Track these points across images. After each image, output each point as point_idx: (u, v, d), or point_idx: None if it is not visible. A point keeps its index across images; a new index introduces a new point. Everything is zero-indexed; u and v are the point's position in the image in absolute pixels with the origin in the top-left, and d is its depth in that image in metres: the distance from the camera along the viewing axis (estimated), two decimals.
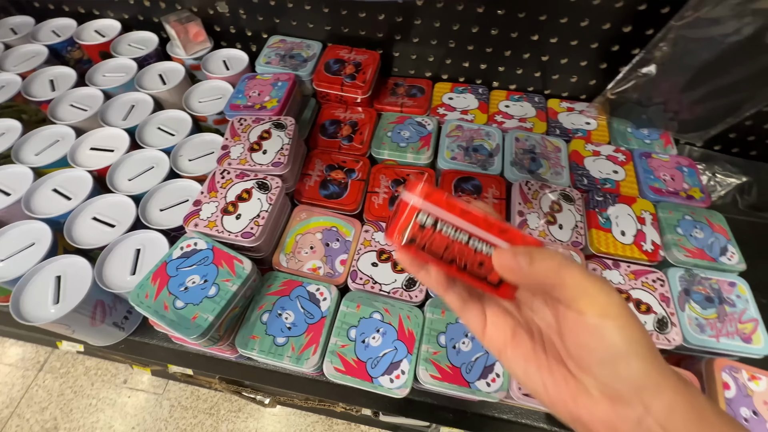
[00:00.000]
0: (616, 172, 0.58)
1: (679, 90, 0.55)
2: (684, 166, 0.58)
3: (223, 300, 0.41)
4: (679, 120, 0.60)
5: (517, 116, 0.65)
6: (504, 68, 0.65)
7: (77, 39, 0.69)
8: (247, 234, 0.45)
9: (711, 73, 0.51)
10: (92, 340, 0.49)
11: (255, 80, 0.61)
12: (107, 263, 0.46)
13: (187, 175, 0.54)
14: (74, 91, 0.63)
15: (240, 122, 0.55)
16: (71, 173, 0.54)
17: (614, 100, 0.61)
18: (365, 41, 0.66)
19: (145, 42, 0.70)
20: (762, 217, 0.63)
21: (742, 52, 0.48)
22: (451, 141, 0.60)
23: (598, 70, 0.62)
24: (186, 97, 0.62)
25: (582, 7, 0.54)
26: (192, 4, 0.68)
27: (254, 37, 0.71)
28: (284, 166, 0.50)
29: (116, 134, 0.57)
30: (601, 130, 0.63)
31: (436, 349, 0.43)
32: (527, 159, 0.59)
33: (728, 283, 0.48)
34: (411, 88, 0.68)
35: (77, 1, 0.72)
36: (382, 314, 0.45)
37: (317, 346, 0.42)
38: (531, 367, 0.23)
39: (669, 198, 0.55)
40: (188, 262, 0.43)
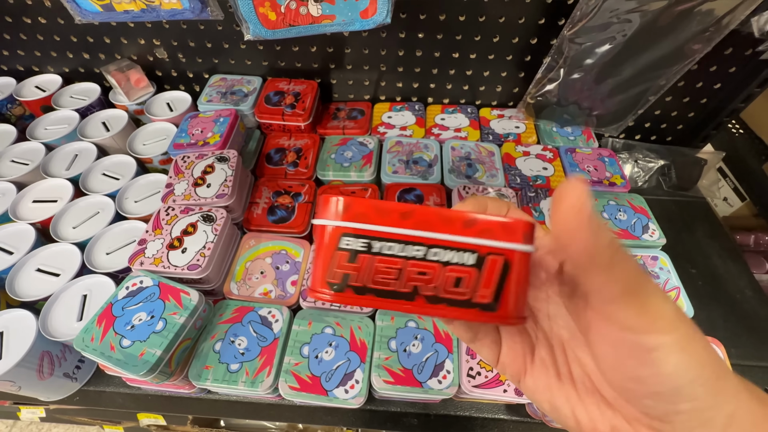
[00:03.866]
0: (546, 168, 0.62)
1: (588, 89, 0.61)
2: (605, 156, 0.64)
3: (171, 333, 0.41)
4: (595, 116, 0.66)
5: (453, 127, 0.69)
6: (435, 85, 0.70)
7: (17, 96, 0.70)
8: (194, 266, 0.46)
9: (610, 71, 0.57)
10: (42, 395, 0.48)
11: (197, 118, 0.63)
12: (52, 312, 0.46)
13: (134, 216, 0.54)
14: (15, 146, 0.63)
15: (183, 160, 0.56)
16: (12, 228, 0.53)
17: (536, 104, 0.66)
18: (303, 72, 0.70)
19: (87, 93, 0.71)
20: (683, 195, 0.69)
21: (631, 50, 0.54)
22: (392, 156, 0.64)
23: (517, 79, 0.67)
24: (130, 141, 0.63)
25: (491, 26, 0.59)
26: (131, 53, 0.70)
27: (196, 78, 0.73)
28: (228, 197, 0.52)
29: (59, 184, 0.58)
30: (529, 132, 0.68)
31: (387, 355, 0.44)
32: (464, 165, 0.62)
33: (651, 257, 0.52)
34: (352, 111, 0.72)
35: (15, 60, 0.73)
36: (333, 328, 0.46)
37: (271, 367, 0.43)
38: (557, 398, 0.19)
39: (594, 187, 0.59)
40: (134, 301, 0.43)
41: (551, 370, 0.19)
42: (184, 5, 0.46)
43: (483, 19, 0.59)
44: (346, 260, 0.17)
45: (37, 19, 0.65)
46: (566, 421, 0.18)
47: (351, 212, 0.17)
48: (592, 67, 0.56)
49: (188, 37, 0.66)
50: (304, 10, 0.39)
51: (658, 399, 0.15)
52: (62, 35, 0.68)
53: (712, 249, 0.62)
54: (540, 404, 0.20)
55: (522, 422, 0.48)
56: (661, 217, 0.57)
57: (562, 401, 0.18)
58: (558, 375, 0.19)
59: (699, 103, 0.66)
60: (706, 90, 0.64)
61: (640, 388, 0.15)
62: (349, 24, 0.41)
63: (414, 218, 0.17)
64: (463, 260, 0.17)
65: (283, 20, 0.39)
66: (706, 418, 0.15)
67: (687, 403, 0.15)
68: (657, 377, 0.15)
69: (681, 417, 0.15)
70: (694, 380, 0.15)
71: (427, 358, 0.44)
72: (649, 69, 0.56)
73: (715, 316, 0.55)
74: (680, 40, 0.52)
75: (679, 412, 0.15)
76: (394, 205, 0.17)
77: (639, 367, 0.15)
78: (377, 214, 0.17)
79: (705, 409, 0.15)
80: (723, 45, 0.54)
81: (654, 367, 0.14)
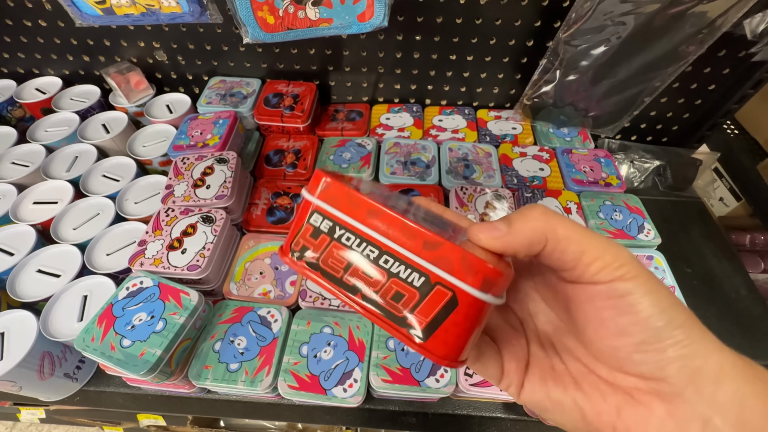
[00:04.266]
0: (542, 169, 0.63)
1: (584, 90, 0.61)
2: (601, 157, 0.64)
3: (171, 333, 0.41)
4: (591, 117, 0.66)
5: (450, 128, 0.70)
6: (432, 86, 0.71)
7: (17, 98, 0.70)
8: (193, 267, 0.46)
9: (605, 73, 0.58)
10: (43, 395, 0.48)
11: (197, 120, 0.64)
12: (53, 313, 0.46)
13: (134, 217, 0.55)
14: (15, 149, 0.63)
15: (183, 161, 0.57)
16: (13, 229, 0.54)
17: (533, 105, 0.67)
18: (301, 74, 0.71)
19: (87, 95, 0.72)
20: (679, 195, 0.69)
21: (626, 52, 0.54)
22: (390, 157, 0.64)
23: (514, 80, 0.68)
24: (130, 142, 0.64)
25: (487, 28, 0.60)
26: (131, 55, 0.71)
27: (196, 80, 0.74)
28: (228, 198, 0.52)
29: (59, 186, 0.58)
30: (526, 133, 0.69)
31: (385, 354, 0.44)
32: (461, 166, 0.63)
33: (646, 257, 0.52)
34: (350, 112, 0.72)
35: (16, 62, 0.73)
36: (332, 328, 0.46)
37: (270, 366, 0.43)
38: (557, 392, 0.19)
39: (590, 187, 0.60)
40: (134, 301, 0.44)
41: (546, 368, 0.20)
42: (184, 9, 0.46)
43: (480, 22, 0.59)
44: (309, 234, 0.18)
45: (38, 21, 0.66)
46: (572, 415, 0.18)
47: (327, 194, 0.18)
48: (587, 68, 0.57)
49: (188, 39, 0.67)
50: (302, 13, 0.39)
51: (645, 350, 0.16)
52: (62, 38, 0.68)
53: (707, 249, 0.63)
54: (543, 408, 0.19)
55: (519, 420, 0.48)
56: (656, 217, 0.58)
57: (562, 394, 0.18)
58: (553, 371, 0.19)
59: (694, 104, 0.67)
60: (701, 91, 0.65)
61: (626, 342, 0.16)
62: (346, 27, 0.41)
63: (378, 220, 0.17)
64: (411, 279, 0.17)
65: (282, 24, 0.40)
66: (696, 369, 0.15)
67: (672, 350, 0.16)
68: (636, 324, 0.16)
69: (672, 369, 0.16)
70: (670, 322, 0.16)
71: (424, 357, 0.44)
72: (643, 70, 0.57)
73: (710, 315, 0.55)
74: (674, 42, 0.52)
75: (669, 361, 0.16)
76: (366, 201, 0.17)
77: (618, 317, 0.16)
78: (348, 204, 0.17)
79: (691, 357, 0.15)
80: (716, 47, 0.54)
81: (631, 313, 0.16)
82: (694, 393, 0.15)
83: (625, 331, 0.16)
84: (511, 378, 0.20)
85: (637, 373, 0.17)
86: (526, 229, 0.17)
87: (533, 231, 0.17)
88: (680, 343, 0.16)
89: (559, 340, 0.20)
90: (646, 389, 0.16)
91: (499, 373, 0.20)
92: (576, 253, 0.16)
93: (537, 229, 0.17)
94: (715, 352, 0.16)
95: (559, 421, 0.19)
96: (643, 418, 0.16)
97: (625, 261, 0.16)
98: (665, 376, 0.16)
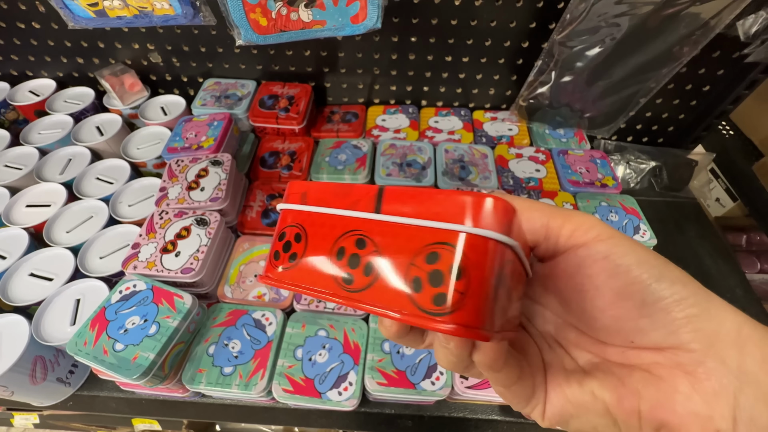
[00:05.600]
0: (538, 170, 0.63)
1: (580, 91, 0.61)
2: (597, 158, 0.64)
3: (164, 337, 0.41)
4: (587, 118, 0.66)
5: (446, 130, 0.70)
6: (428, 88, 0.71)
7: (10, 101, 0.70)
8: (187, 269, 0.46)
9: (601, 74, 0.58)
10: (35, 399, 0.48)
11: (192, 122, 0.63)
12: (45, 317, 0.46)
13: (128, 220, 0.54)
14: (8, 151, 0.63)
15: (177, 163, 0.57)
16: (5, 232, 0.53)
17: (529, 106, 0.67)
18: (297, 76, 0.71)
19: (81, 97, 0.71)
20: (675, 196, 0.69)
21: (620, 53, 0.54)
22: (385, 159, 0.64)
23: (510, 82, 0.68)
24: (124, 145, 0.63)
25: (483, 29, 0.60)
26: (125, 57, 0.70)
27: (190, 82, 0.74)
28: (222, 200, 0.52)
29: (53, 189, 0.58)
30: (522, 134, 0.69)
31: (381, 357, 0.44)
32: (457, 167, 0.63)
33: None
34: (346, 114, 0.72)
35: (9, 64, 0.73)
36: (327, 330, 0.46)
37: (264, 370, 0.43)
38: (572, 390, 0.17)
39: (586, 188, 0.60)
40: (127, 305, 0.43)
41: (558, 370, 0.18)
42: (177, 11, 0.46)
43: (475, 23, 0.59)
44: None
45: (31, 24, 0.65)
46: (595, 411, 0.16)
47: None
48: (582, 69, 0.57)
49: (182, 41, 0.66)
50: (295, 15, 0.39)
51: (649, 312, 0.15)
52: (56, 40, 0.68)
53: (703, 249, 0.63)
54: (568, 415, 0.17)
55: (515, 423, 0.48)
56: (652, 218, 0.58)
57: (578, 390, 0.17)
58: (565, 370, 0.18)
59: (689, 104, 0.67)
60: (696, 92, 0.65)
61: (627, 308, 0.15)
62: (339, 29, 0.41)
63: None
64: None
65: (274, 26, 0.40)
66: (712, 332, 0.14)
67: (678, 309, 0.15)
68: (631, 283, 0.15)
69: (686, 333, 0.15)
70: (663, 277, 0.15)
71: (420, 359, 0.44)
72: (638, 71, 0.57)
73: None
74: (668, 43, 0.53)
75: (679, 324, 0.15)
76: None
77: (610, 280, 0.16)
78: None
79: (702, 318, 0.14)
80: (710, 48, 0.54)
81: (621, 273, 0.15)
82: (717, 362, 0.14)
83: (622, 294, 0.16)
84: (539, 396, 0.18)
85: (651, 345, 0.16)
86: None
87: None
88: (684, 300, 0.15)
89: (563, 337, 0.19)
90: (665, 362, 0.15)
91: (531, 392, 0.18)
92: (542, 219, 0.17)
93: None
94: (728, 313, 0.15)
95: (586, 427, 0.17)
96: (666, 395, 0.15)
97: (593, 223, 0.16)
98: (680, 342, 0.15)
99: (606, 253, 0.16)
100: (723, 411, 0.14)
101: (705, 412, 0.14)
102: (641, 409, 0.15)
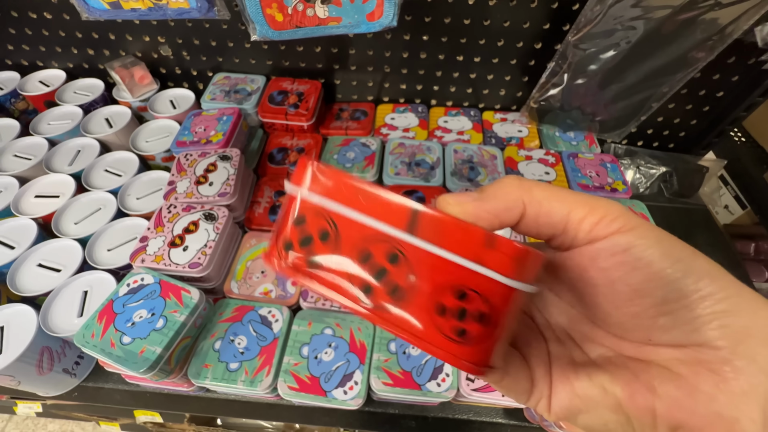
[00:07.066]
0: (548, 173, 0.62)
1: (592, 94, 0.61)
2: (607, 162, 0.64)
3: (171, 331, 0.41)
4: (598, 121, 0.66)
5: (455, 130, 0.69)
6: (438, 87, 0.70)
7: (21, 90, 0.70)
8: (195, 264, 0.46)
9: (614, 77, 0.57)
10: (41, 390, 0.48)
11: (201, 116, 0.63)
12: (53, 308, 0.46)
13: (135, 213, 0.54)
14: (17, 141, 0.63)
15: (186, 157, 0.56)
16: (14, 222, 0.53)
17: (539, 108, 0.66)
18: (307, 72, 0.70)
19: (91, 88, 0.71)
20: (685, 202, 0.69)
21: (635, 57, 0.54)
22: (394, 158, 0.64)
23: (521, 83, 0.67)
24: (133, 137, 0.63)
25: (496, 29, 0.60)
26: (136, 50, 0.70)
27: (200, 76, 0.73)
28: (230, 195, 0.52)
29: (61, 180, 0.58)
30: (532, 136, 0.69)
31: (387, 357, 0.44)
32: (466, 168, 0.62)
33: None
34: (355, 111, 0.72)
35: (20, 54, 0.73)
36: (333, 329, 0.46)
37: (270, 367, 0.43)
38: (581, 384, 0.16)
39: (596, 192, 0.60)
40: (135, 298, 0.43)
41: (566, 364, 0.17)
42: (192, 4, 0.46)
43: (488, 23, 0.59)
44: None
45: (43, 14, 0.65)
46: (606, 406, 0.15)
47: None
48: (595, 72, 0.56)
49: (193, 35, 0.66)
50: (311, 12, 0.39)
51: (670, 310, 0.14)
52: (67, 31, 0.68)
53: (712, 257, 0.61)
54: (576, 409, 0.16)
55: (519, 426, 0.48)
56: (662, 224, 0.57)
57: (588, 384, 0.16)
58: (574, 363, 0.17)
59: (702, 110, 0.66)
60: (709, 98, 0.64)
61: (645, 305, 0.14)
62: (355, 26, 0.41)
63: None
64: None
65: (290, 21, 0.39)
66: (742, 329, 0.13)
67: (703, 306, 0.13)
68: (651, 279, 0.14)
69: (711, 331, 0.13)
70: (689, 272, 0.14)
71: (426, 360, 0.44)
72: (652, 76, 0.56)
73: None
74: (684, 48, 0.52)
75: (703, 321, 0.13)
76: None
77: (628, 275, 0.14)
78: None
79: (731, 313, 0.13)
80: (726, 54, 0.54)
81: (641, 267, 0.14)
82: (747, 360, 0.13)
83: (641, 290, 0.14)
84: (541, 389, 0.17)
85: (670, 342, 0.14)
86: (499, 192, 0.16)
87: (507, 194, 0.16)
88: (711, 296, 0.13)
89: (577, 330, 0.18)
90: (686, 359, 0.14)
91: (529, 386, 0.17)
92: (562, 211, 0.15)
93: (511, 193, 0.16)
94: (762, 308, 0.13)
95: (596, 423, 0.16)
96: (686, 394, 0.14)
97: (619, 213, 0.15)
98: (705, 339, 0.13)
99: (626, 246, 0.15)
100: (752, 413, 0.13)
101: (730, 414, 0.13)
102: (656, 407, 0.14)
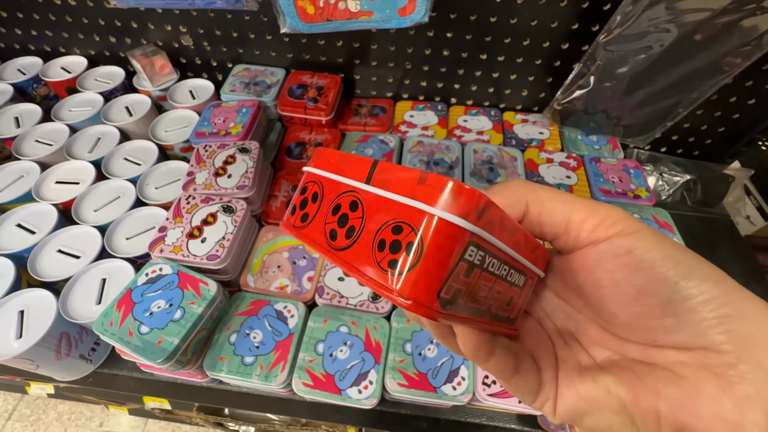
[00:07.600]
0: (569, 177, 0.61)
1: (618, 98, 0.59)
2: (630, 168, 0.62)
3: (189, 323, 0.41)
4: (623, 125, 0.64)
5: (475, 129, 0.68)
6: (459, 85, 0.69)
7: (43, 76, 0.70)
8: (213, 256, 0.46)
9: (643, 81, 0.56)
10: (58, 374, 0.48)
11: (220, 108, 0.63)
12: (72, 294, 0.46)
13: (154, 202, 0.54)
14: (39, 126, 0.63)
15: (205, 149, 0.56)
16: (35, 207, 0.54)
17: (563, 110, 0.65)
18: (327, 66, 0.70)
19: (111, 76, 0.72)
20: (708, 211, 0.67)
21: (666, 61, 0.52)
22: (412, 156, 0.63)
23: (545, 84, 0.66)
24: (152, 127, 0.63)
25: (522, 28, 0.58)
26: (157, 38, 0.70)
27: (220, 67, 0.73)
28: (249, 188, 0.52)
29: (82, 167, 0.58)
30: (553, 138, 0.67)
31: (402, 357, 0.44)
32: (485, 169, 0.62)
33: None
34: (373, 107, 0.71)
35: (43, 40, 0.73)
36: (349, 327, 0.46)
37: (285, 362, 0.43)
38: (585, 386, 0.16)
39: (618, 198, 0.58)
40: (153, 288, 0.44)
41: (572, 366, 0.18)
42: None
43: (515, 22, 0.58)
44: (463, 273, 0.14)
45: (67, 0, 0.65)
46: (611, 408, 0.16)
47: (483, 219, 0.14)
48: (624, 76, 0.55)
49: (215, 25, 0.66)
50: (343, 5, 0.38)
51: (675, 311, 0.14)
52: (90, 18, 0.68)
53: (735, 268, 0.61)
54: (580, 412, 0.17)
55: None
56: (684, 233, 0.56)
57: (592, 386, 0.16)
58: (579, 366, 0.18)
59: (731, 118, 0.64)
60: (740, 105, 0.62)
61: (650, 305, 0.15)
62: (386, 21, 0.40)
63: None
64: None
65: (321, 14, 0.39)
66: (747, 334, 0.13)
67: (708, 309, 0.14)
68: (655, 281, 0.14)
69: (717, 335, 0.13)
70: (692, 275, 0.14)
71: (442, 363, 0.43)
72: (683, 81, 0.54)
73: None
74: (719, 53, 0.50)
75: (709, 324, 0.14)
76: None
77: (632, 276, 0.15)
78: None
79: (736, 318, 0.13)
80: (762, 60, 0.52)
81: (644, 269, 0.14)
82: (753, 365, 0.13)
83: (646, 291, 0.15)
84: (548, 391, 0.18)
85: (676, 344, 0.15)
86: (504, 189, 0.17)
87: (512, 191, 0.17)
88: (715, 300, 0.14)
89: (583, 333, 0.18)
90: (690, 362, 0.14)
91: (537, 387, 0.18)
92: (564, 211, 0.16)
93: (516, 191, 0.17)
94: (764, 309, 0.14)
95: (601, 425, 0.16)
96: (690, 396, 0.14)
97: (620, 217, 0.15)
98: (711, 343, 0.14)
99: (629, 248, 0.15)
100: (756, 418, 0.13)
101: (734, 418, 0.13)
102: (660, 409, 0.14)
